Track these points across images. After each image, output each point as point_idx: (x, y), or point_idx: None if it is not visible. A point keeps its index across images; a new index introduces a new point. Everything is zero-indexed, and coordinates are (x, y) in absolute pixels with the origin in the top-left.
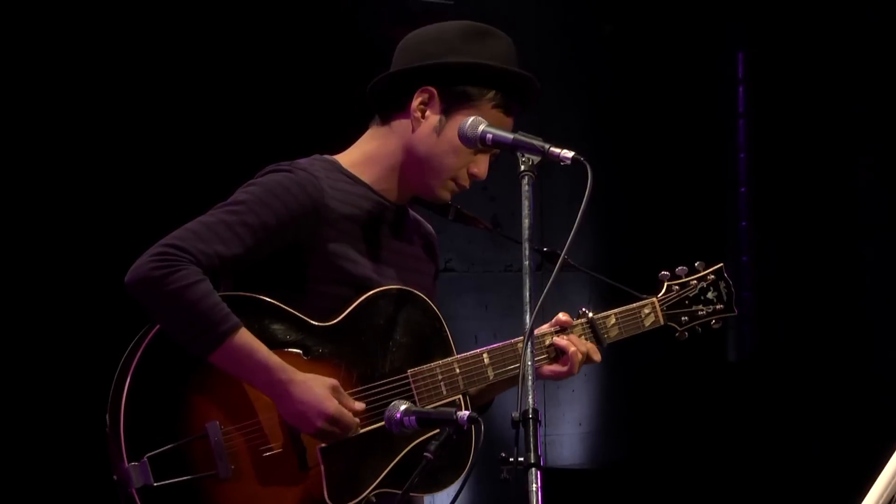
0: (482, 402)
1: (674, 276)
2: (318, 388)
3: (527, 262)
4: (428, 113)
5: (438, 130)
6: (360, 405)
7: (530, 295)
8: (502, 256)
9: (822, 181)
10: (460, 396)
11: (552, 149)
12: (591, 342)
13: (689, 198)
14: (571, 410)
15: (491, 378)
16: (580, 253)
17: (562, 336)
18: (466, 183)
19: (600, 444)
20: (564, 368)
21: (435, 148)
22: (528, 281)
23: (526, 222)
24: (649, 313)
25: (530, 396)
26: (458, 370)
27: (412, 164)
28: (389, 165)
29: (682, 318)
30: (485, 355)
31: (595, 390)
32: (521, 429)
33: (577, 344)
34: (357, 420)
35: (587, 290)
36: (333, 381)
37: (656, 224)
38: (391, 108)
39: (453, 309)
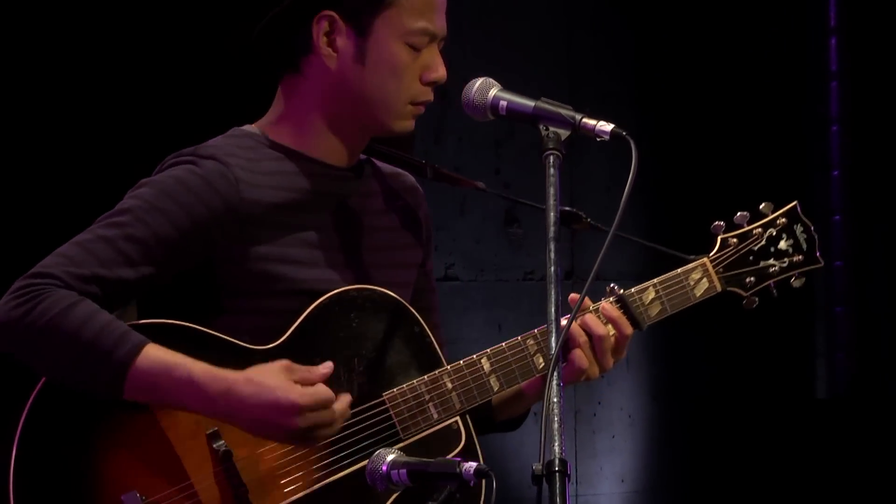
0: (510, 416)
1: (731, 227)
2: (269, 380)
3: (553, 269)
4: (339, 42)
5: (361, 57)
6: (326, 367)
7: (557, 311)
8: (520, 260)
9: None
10: (458, 419)
11: (585, 120)
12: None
13: (763, 184)
14: (611, 463)
15: (496, 389)
16: (620, 260)
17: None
18: (429, 96)
19: None
20: (571, 371)
21: (368, 79)
22: (553, 292)
23: (551, 216)
24: (700, 279)
25: (556, 444)
26: (449, 385)
27: (350, 109)
28: (321, 122)
29: (747, 280)
30: (484, 361)
31: (643, 437)
32: (545, 486)
33: (591, 324)
34: (339, 395)
35: None
36: (282, 362)
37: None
38: (293, 54)
39: (456, 329)
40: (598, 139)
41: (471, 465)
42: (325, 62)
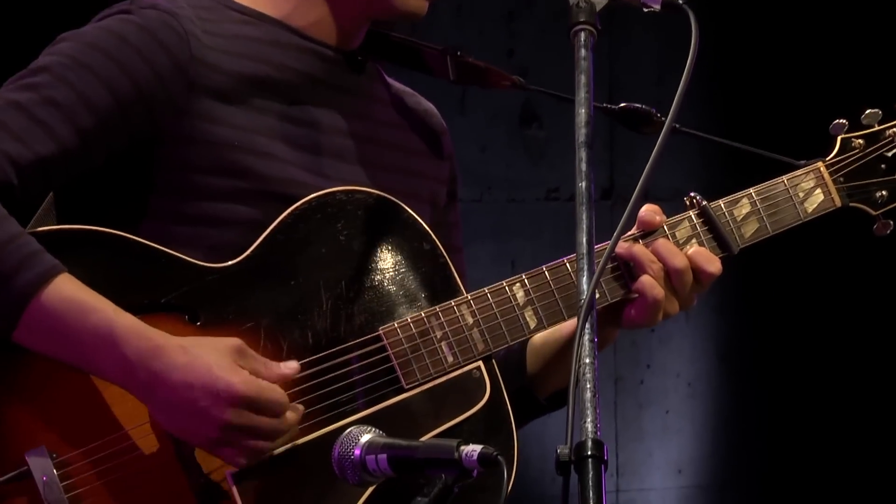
0: (559, 386)
1: (857, 126)
2: (209, 356)
3: (583, 184)
4: None
5: None
6: (291, 366)
7: (590, 241)
8: (541, 174)
9: None
10: (480, 365)
11: None
12: (707, 246)
13: (867, 77)
14: (663, 448)
15: (532, 326)
16: (675, 173)
17: (633, 243)
18: None
19: None
20: (642, 308)
21: None
22: (585, 216)
23: (582, 113)
24: (813, 189)
25: (589, 420)
26: (469, 319)
27: None
28: None
29: (878, 194)
30: (517, 288)
31: (706, 413)
32: (574, 475)
33: (663, 252)
34: (292, 404)
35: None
36: (234, 341)
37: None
38: None
39: None
40: (646, 10)
41: (473, 450)
42: None
